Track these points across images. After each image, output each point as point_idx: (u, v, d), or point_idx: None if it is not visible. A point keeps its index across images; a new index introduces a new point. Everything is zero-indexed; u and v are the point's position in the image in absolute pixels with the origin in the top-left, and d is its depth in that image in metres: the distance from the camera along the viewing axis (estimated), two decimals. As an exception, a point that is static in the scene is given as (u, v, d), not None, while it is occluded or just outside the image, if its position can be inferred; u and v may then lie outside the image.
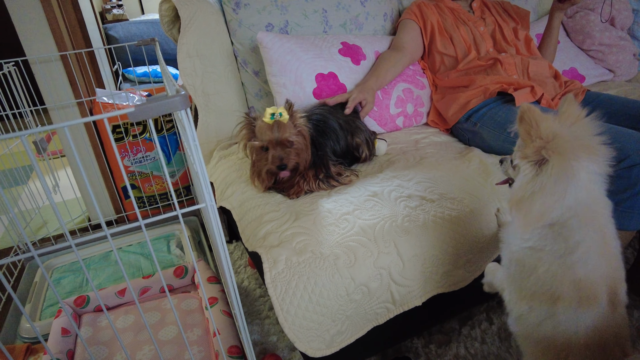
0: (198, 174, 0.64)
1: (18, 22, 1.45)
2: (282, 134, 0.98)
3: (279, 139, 0.98)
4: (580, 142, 0.67)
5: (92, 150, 1.67)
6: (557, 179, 0.66)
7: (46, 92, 1.55)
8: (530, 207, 0.68)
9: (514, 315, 0.78)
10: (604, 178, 0.69)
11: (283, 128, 0.98)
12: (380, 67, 1.38)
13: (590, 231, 0.68)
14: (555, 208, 0.67)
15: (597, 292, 0.68)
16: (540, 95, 1.27)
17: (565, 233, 0.68)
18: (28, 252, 0.58)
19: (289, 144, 1.00)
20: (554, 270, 0.69)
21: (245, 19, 1.36)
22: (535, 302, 0.72)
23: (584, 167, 0.66)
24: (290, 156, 1.00)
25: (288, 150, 1.00)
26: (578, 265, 0.67)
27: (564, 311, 0.69)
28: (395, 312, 0.89)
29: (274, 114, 0.98)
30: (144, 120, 1.57)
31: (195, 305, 1.23)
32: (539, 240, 0.71)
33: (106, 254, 1.60)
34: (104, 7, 3.30)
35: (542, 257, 0.70)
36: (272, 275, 0.82)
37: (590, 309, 0.68)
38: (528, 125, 0.69)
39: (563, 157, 0.65)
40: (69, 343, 1.10)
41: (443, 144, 1.33)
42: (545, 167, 0.67)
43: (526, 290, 0.74)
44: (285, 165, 0.99)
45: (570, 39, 1.93)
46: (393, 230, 0.89)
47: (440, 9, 1.53)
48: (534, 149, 0.68)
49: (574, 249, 0.67)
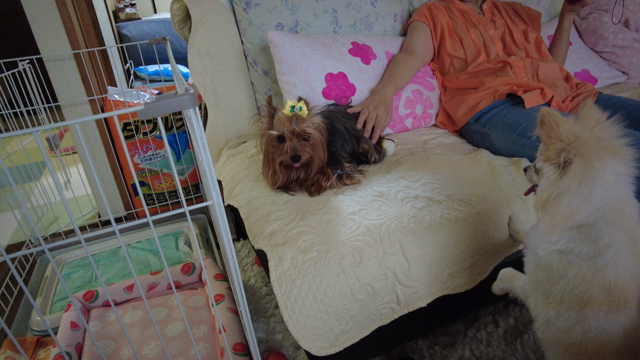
0: (205, 171, 0.65)
1: (33, 21, 1.47)
2: (300, 126, 0.99)
3: (297, 130, 0.99)
4: (604, 144, 0.66)
5: (103, 147, 1.70)
6: (582, 180, 0.65)
7: (59, 89, 1.58)
8: (557, 209, 0.68)
9: (541, 320, 0.77)
10: (631, 179, 0.68)
11: (302, 120, 0.99)
12: (396, 72, 1.38)
13: (620, 232, 0.67)
14: (582, 209, 0.66)
15: (628, 295, 0.66)
16: (550, 97, 1.26)
17: (593, 235, 0.67)
18: (39, 246, 0.59)
19: (305, 137, 1.00)
20: (583, 274, 0.68)
21: (255, 18, 1.37)
22: (563, 307, 0.72)
23: (609, 168, 0.65)
24: (305, 149, 1.01)
25: (304, 143, 1.01)
26: (608, 268, 0.66)
27: (594, 316, 0.68)
28: (400, 313, 0.89)
29: (294, 107, 0.99)
30: (154, 118, 1.59)
31: (202, 302, 1.24)
32: (567, 243, 0.70)
33: (115, 249, 1.63)
34: (117, 6, 3.34)
35: (571, 261, 0.70)
36: (278, 274, 0.82)
37: (620, 313, 0.67)
38: (549, 128, 0.68)
39: (586, 158, 0.65)
40: (77, 337, 1.12)
41: (451, 145, 1.33)
42: (569, 169, 0.66)
43: (554, 295, 0.73)
44: (299, 157, 0.99)
45: (583, 40, 1.91)
46: (399, 230, 0.89)
47: (450, 11, 1.53)
48: (556, 151, 0.67)
49: (603, 250, 0.66)
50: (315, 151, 1.03)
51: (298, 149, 1.00)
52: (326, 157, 1.06)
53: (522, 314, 1.24)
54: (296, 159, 1.00)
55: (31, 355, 1.19)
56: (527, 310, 1.25)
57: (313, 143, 1.03)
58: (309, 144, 1.02)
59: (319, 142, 1.04)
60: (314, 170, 1.05)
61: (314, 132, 1.02)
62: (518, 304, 1.28)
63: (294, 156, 0.99)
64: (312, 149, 1.03)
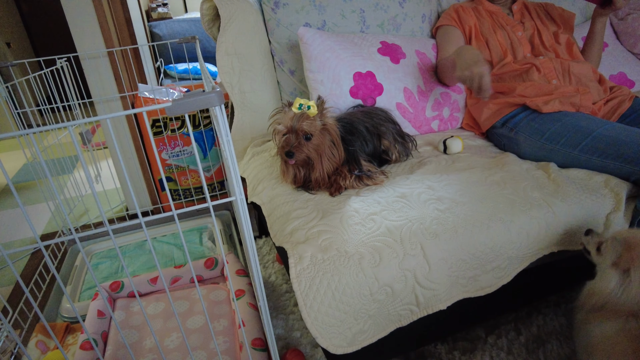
0: (229, 167, 0.66)
1: (72, 21, 1.53)
2: (299, 124, 0.99)
3: (295, 128, 1.00)
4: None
5: (132, 143, 1.75)
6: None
7: (93, 86, 1.64)
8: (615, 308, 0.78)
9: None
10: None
11: (303, 119, 0.99)
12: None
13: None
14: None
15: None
16: (578, 105, 1.24)
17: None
18: (71, 235, 0.62)
19: (303, 135, 1.00)
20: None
21: (283, 18, 1.39)
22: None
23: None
24: (303, 148, 1.01)
25: (302, 142, 1.01)
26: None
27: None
28: (419, 315, 0.88)
29: (301, 105, 0.99)
30: (182, 115, 1.62)
31: (223, 296, 1.27)
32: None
33: (141, 242, 1.67)
34: (150, 6, 3.44)
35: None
36: (297, 271, 0.83)
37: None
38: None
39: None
40: (103, 325, 1.16)
41: (477, 147, 1.31)
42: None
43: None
44: (292, 154, 1.00)
45: (620, 41, 1.84)
46: (420, 232, 0.88)
47: (478, 12, 1.50)
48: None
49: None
50: (319, 152, 1.03)
51: (294, 145, 1.00)
52: (342, 157, 1.06)
53: (545, 323, 1.21)
54: (289, 155, 1.00)
55: (61, 340, 1.24)
56: (550, 319, 1.23)
57: (316, 143, 1.02)
58: (311, 145, 1.02)
59: (325, 144, 1.03)
60: (316, 170, 1.04)
61: (317, 133, 1.01)
62: (542, 312, 1.25)
63: (287, 152, 1.00)
64: (313, 149, 1.02)
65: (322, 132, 1.03)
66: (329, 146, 1.04)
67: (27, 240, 1.86)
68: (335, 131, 1.04)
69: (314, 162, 1.04)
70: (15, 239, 1.89)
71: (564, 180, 1.05)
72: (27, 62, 1.51)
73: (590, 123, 1.13)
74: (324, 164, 1.04)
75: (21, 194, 2.35)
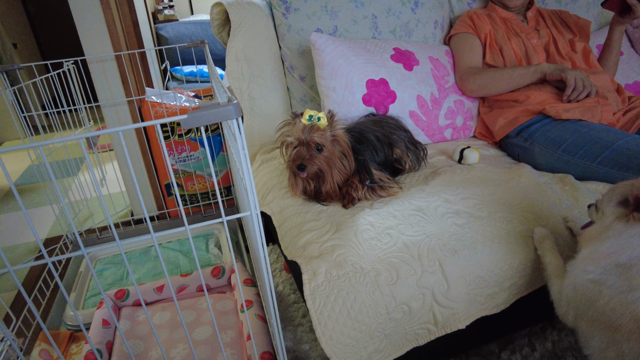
0: (245, 184, 0.63)
1: (80, 24, 1.51)
2: (310, 136, 0.97)
3: (306, 140, 0.97)
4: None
5: (139, 147, 1.73)
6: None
7: (100, 89, 1.61)
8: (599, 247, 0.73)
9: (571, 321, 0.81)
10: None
11: (314, 130, 0.97)
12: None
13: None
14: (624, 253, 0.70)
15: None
16: (599, 115, 1.21)
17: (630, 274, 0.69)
18: (78, 250, 0.60)
19: (315, 147, 0.98)
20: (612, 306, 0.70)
21: (294, 23, 1.36)
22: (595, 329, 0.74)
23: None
24: (314, 160, 0.98)
25: (314, 154, 0.98)
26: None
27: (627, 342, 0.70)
28: (437, 334, 0.85)
29: (311, 116, 0.97)
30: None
31: (230, 306, 1.24)
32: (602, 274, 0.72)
33: (146, 248, 1.65)
34: (156, 8, 3.42)
35: (602, 291, 0.71)
36: (312, 288, 0.80)
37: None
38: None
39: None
40: (108, 334, 1.13)
41: (491, 157, 1.28)
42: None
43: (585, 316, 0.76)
44: (304, 166, 0.97)
45: (635, 50, 1.81)
46: (439, 248, 0.85)
47: (492, 19, 1.48)
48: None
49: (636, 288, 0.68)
50: (329, 163, 1.01)
51: (306, 158, 0.97)
52: (352, 168, 1.04)
53: (560, 339, 1.18)
54: (302, 168, 0.98)
55: (64, 349, 1.21)
56: (565, 335, 1.19)
57: (327, 155, 1.00)
58: (322, 157, 0.99)
59: (336, 155, 1.01)
60: (327, 182, 1.02)
61: (328, 145, 0.99)
62: (556, 328, 1.21)
63: (299, 165, 0.97)
64: (325, 161, 1.00)
65: (333, 144, 1.00)
66: (339, 157, 1.02)
67: (31, 245, 1.84)
68: (346, 142, 1.02)
69: (325, 174, 1.01)
70: (19, 242, 1.86)
71: (583, 194, 1.02)
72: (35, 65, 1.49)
73: (610, 135, 1.11)
74: (334, 176, 1.02)
75: (26, 197, 2.33)
